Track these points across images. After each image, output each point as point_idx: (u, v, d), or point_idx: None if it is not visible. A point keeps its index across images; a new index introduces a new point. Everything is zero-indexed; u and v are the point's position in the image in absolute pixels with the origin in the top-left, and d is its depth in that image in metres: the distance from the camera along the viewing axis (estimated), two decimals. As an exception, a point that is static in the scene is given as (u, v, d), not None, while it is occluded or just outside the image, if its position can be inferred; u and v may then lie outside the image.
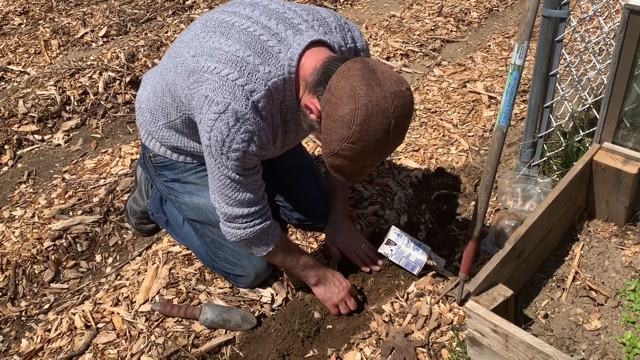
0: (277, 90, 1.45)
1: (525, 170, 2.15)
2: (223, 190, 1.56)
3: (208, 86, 1.43)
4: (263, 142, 1.49)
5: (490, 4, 4.02)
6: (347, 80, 1.29)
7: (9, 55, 3.54)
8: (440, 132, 2.67)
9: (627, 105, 1.74)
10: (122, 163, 2.58)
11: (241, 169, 1.51)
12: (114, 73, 3.17)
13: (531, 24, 1.58)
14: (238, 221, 1.61)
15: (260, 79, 1.42)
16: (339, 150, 1.33)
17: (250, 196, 1.58)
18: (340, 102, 1.28)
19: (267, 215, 1.65)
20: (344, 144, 1.31)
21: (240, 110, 1.41)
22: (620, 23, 1.52)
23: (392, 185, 2.33)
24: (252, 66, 1.42)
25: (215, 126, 1.42)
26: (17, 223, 2.27)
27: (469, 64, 3.25)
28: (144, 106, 1.81)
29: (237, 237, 1.63)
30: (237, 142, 1.44)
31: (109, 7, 4.08)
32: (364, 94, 1.26)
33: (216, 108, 1.41)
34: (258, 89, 1.42)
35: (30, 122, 2.88)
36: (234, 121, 1.41)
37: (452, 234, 2.07)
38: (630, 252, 1.82)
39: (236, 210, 1.58)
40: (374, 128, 1.28)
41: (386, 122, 1.28)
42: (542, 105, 2.03)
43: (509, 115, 1.62)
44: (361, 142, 1.29)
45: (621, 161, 1.76)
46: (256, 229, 1.62)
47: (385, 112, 1.27)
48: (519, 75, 1.60)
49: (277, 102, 1.48)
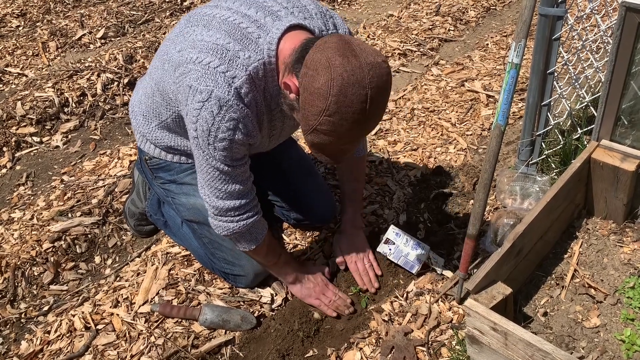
0: (258, 76, 1.47)
1: (524, 168, 2.16)
2: (212, 183, 1.57)
3: (191, 76, 1.45)
4: (249, 130, 1.50)
5: (488, 2, 4.02)
6: (323, 52, 1.29)
7: (6, 57, 3.53)
8: (439, 131, 2.67)
9: (625, 102, 1.74)
10: (121, 164, 2.58)
11: (229, 159, 1.52)
12: (112, 75, 3.17)
13: (528, 23, 1.58)
14: (230, 214, 1.61)
15: (240, 65, 1.43)
16: (317, 125, 1.32)
17: (240, 187, 1.59)
18: (316, 74, 1.28)
19: (258, 208, 1.67)
20: (321, 117, 1.30)
21: (223, 97, 1.42)
22: (617, 21, 1.52)
23: (391, 185, 2.33)
24: (232, 52, 1.44)
25: (201, 115, 1.44)
26: (16, 225, 2.26)
27: (467, 63, 3.25)
28: (137, 109, 1.82)
29: (228, 230, 1.64)
30: (223, 131, 1.45)
31: (107, 8, 4.07)
32: (339, 64, 1.26)
33: (200, 97, 1.42)
34: (239, 75, 1.43)
35: (28, 124, 2.87)
36: (217, 109, 1.42)
37: (451, 233, 2.08)
38: (629, 250, 1.82)
39: (227, 203, 1.59)
40: (350, 99, 1.27)
41: (362, 92, 1.27)
42: (540, 103, 2.04)
43: (506, 114, 1.62)
44: (338, 114, 1.29)
45: (619, 158, 1.76)
46: (248, 222, 1.63)
47: (362, 82, 1.27)
48: (516, 74, 1.60)
49: (260, 89, 1.49)
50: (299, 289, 1.84)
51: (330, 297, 1.83)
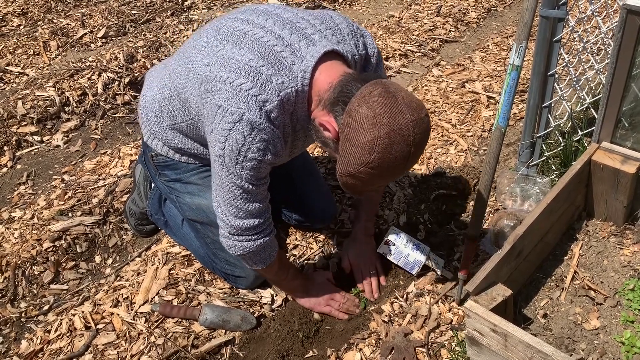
0: (289, 102, 1.45)
1: (524, 170, 2.16)
2: (233, 202, 1.54)
3: (221, 96, 1.42)
4: (278, 150, 1.49)
5: (489, 4, 4.02)
6: (369, 106, 1.29)
7: (7, 56, 3.53)
8: (439, 132, 2.68)
9: (625, 104, 1.75)
10: (121, 164, 2.58)
11: (255, 178, 1.51)
12: (113, 74, 3.17)
13: (529, 25, 1.58)
14: (247, 233, 1.59)
15: (273, 90, 1.42)
16: (356, 172, 1.34)
17: (260, 206, 1.57)
18: (362, 128, 1.29)
19: (272, 226, 1.66)
20: (362, 167, 1.32)
21: (255, 120, 1.40)
22: (617, 23, 1.52)
23: (391, 186, 2.33)
24: (265, 76, 1.42)
25: (231, 136, 1.41)
26: (17, 224, 2.27)
27: (467, 64, 3.25)
28: (149, 105, 1.79)
29: (245, 249, 1.61)
30: (253, 152, 1.44)
31: (108, 8, 4.08)
32: (386, 123, 1.27)
33: (230, 118, 1.40)
34: (271, 99, 1.42)
35: (29, 124, 2.87)
36: (249, 130, 1.41)
37: (451, 234, 2.08)
38: (629, 252, 1.82)
39: (246, 222, 1.57)
40: (394, 156, 1.30)
41: (406, 149, 1.30)
42: (541, 105, 2.04)
43: (507, 116, 1.63)
44: (380, 168, 1.31)
45: (619, 161, 1.76)
46: (265, 241, 1.62)
47: (407, 140, 1.29)
48: (517, 76, 1.61)
49: (289, 113, 1.49)
50: (307, 300, 1.84)
51: (340, 301, 1.83)
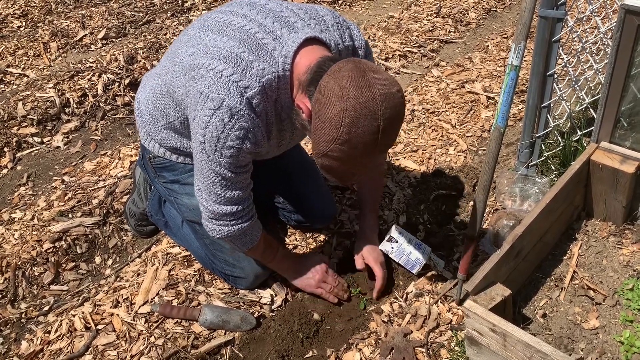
0: (271, 88, 1.46)
1: (524, 170, 2.16)
2: (212, 188, 1.57)
3: (203, 82, 1.44)
4: (258, 140, 1.50)
5: (489, 4, 4.03)
6: (337, 80, 1.29)
7: (8, 58, 3.54)
8: (439, 133, 2.68)
9: (624, 104, 1.75)
10: (122, 165, 2.59)
11: (234, 166, 1.52)
12: (113, 75, 3.17)
13: (528, 25, 1.58)
14: (225, 219, 1.62)
15: (254, 76, 1.43)
16: (328, 151, 1.32)
17: (239, 194, 1.59)
18: (329, 102, 1.28)
19: (252, 212, 1.67)
20: (332, 145, 1.30)
21: (235, 106, 1.41)
22: (616, 23, 1.53)
23: (391, 186, 2.33)
24: (246, 62, 1.43)
25: (211, 122, 1.43)
26: (17, 225, 2.27)
27: (467, 64, 3.25)
28: (143, 107, 1.81)
29: (222, 233, 1.65)
30: (232, 139, 1.45)
31: (108, 9, 4.08)
32: (352, 96, 1.26)
33: (211, 104, 1.42)
34: (252, 85, 1.42)
35: (29, 125, 2.88)
36: (228, 117, 1.42)
37: (450, 235, 2.08)
38: (628, 251, 1.82)
39: (224, 208, 1.59)
40: (362, 130, 1.28)
41: (374, 124, 1.28)
42: (540, 105, 2.04)
43: (506, 116, 1.63)
44: (349, 144, 1.29)
45: (618, 160, 1.76)
46: (243, 226, 1.64)
47: (374, 114, 1.27)
48: (516, 76, 1.61)
49: (272, 100, 1.49)
50: (299, 281, 1.86)
51: (331, 284, 1.85)
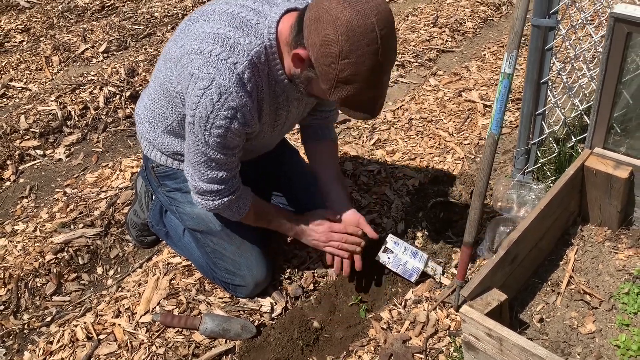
0: (260, 60, 1.51)
1: (520, 176, 2.18)
2: (197, 167, 1.62)
3: (193, 65, 1.49)
4: (247, 119, 1.53)
5: (485, 14, 4.06)
6: (318, 6, 1.35)
7: (10, 72, 3.58)
8: (436, 141, 2.70)
9: (617, 111, 1.77)
10: (123, 176, 2.61)
11: (221, 147, 1.56)
12: (114, 88, 3.21)
13: (520, 34, 1.61)
14: (207, 195, 1.68)
15: (242, 51, 1.48)
16: (338, 74, 1.35)
17: (224, 175, 1.64)
18: (319, 25, 1.33)
19: (235, 188, 1.70)
20: (339, 64, 1.33)
21: (224, 84, 1.46)
22: (606, 31, 1.56)
23: (389, 194, 2.35)
24: (233, 40, 1.49)
25: (201, 102, 1.48)
26: (20, 237, 2.29)
27: (464, 73, 3.28)
28: (142, 117, 1.86)
29: (206, 207, 1.71)
30: (220, 119, 1.49)
31: (109, 23, 4.13)
32: (336, 7, 1.32)
33: (201, 84, 1.47)
34: (241, 60, 1.47)
35: (32, 138, 2.91)
36: (217, 97, 1.46)
37: (449, 241, 2.10)
38: (623, 256, 1.84)
39: (207, 185, 1.65)
40: (360, 32, 1.30)
41: (369, 21, 1.31)
42: (535, 112, 2.07)
43: (500, 123, 1.66)
44: (354, 53, 1.32)
45: (612, 166, 1.78)
46: (224, 201, 1.69)
47: (364, 12, 1.31)
48: (509, 84, 1.64)
49: (264, 74, 1.54)
50: (305, 241, 1.88)
51: (338, 240, 1.83)
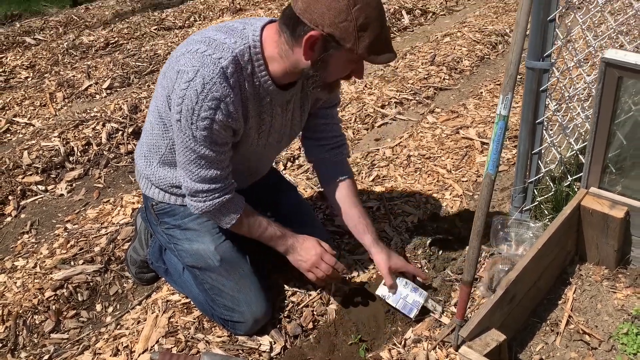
0: (244, 58, 1.59)
1: (518, 214, 2.20)
2: (188, 166, 1.66)
3: (180, 62, 1.58)
4: (230, 111, 1.58)
5: (482, 52, 4.16)
6: None
7: (15, 107, 3.64)
8: (435, 178, 2.73)
9: (611, 151, 1.80)
10: (124, 212, 2.63)
11: (209, 141, 1.60)
12: (117, 124, 3.26)
13: (514, 77, 1.65)
14: (199, 195, 1.70)
15: (227, 48, 1.57)
16: (356, 23, 1.46)
17: (215, 173, 1.67)
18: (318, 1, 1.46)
19: (228, 189, 1.73)
20: (352, 14, 1.45)
21: (208, 74, 1.53)
22: (597, 75, 1.60)
23: (389, 231, 2.37)
24: (219, 40, 1.59)
25: (186, 95, 1.54)
26: (19, 273, 2.30)
27: (461, 110, 3.34)
28: (139, 153, 1.92)
29: (198, 209, 1.73)
30: (205, 110, 1.54)
31: (113, 60, 4.22)
32: None
33: (186, 77, 1.54)
34: (225, 56, 1.56)
35: (34, 173, 2.94)
36: (201, 87, 1.52)
37: (448, 280, 2.10)
38: (622, 295, 1.84)
39: (198, 185, 1.68)
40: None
41: None
42: (531, 151, 2.10)
43: (496, 163, 1.68)
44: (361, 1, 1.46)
45: (608, 206, 1.80)
46: (215, 202, 1.71)
47: None
48: (504, 125, 1.67)
49: (247, 72, 1.61)
50: (292, 259, 1.88)
51: (324, 272, 1.83)
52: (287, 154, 3.00)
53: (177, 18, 5.05)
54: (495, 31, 4.38)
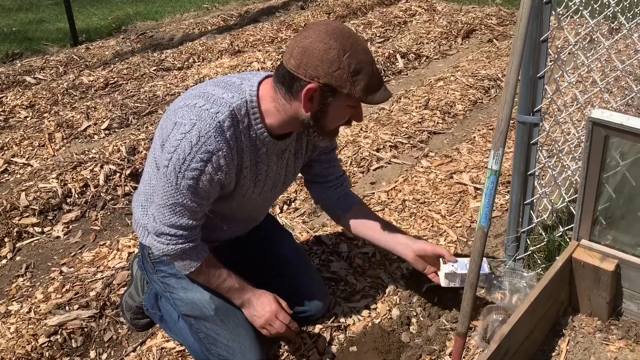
0: (241, 112, 1.64)
1: (511, 263, 2.23)
2: (162, 209, 1.69)
3: (178, 115, 1.63)
4: (220, 165, 1.62)
5: (475, 96, 4.24)
6: (295, 48, 1.56)
7: (13, 148, 3.67)
8: (430, 223, 2.76)
9: (601, 204, 1.85)
10: (120, 256, 2.64)
11: (192, 191, 1.64)
12: (115, 166, 3.29)
13: (505, 133, 1.71)
14: (163, 237, 1.72)
15: (224, 103, 1.62)
16: (349, 69, 1.54)
17: (186, 222, 1.70)
18: (308, 53, 1.53)
19: (193, 238, 1.75)
20: (343, 61, 1.53)
21: (204, 128, 1.57)
22: (585, 133, 1.65)
23: (384, 277, 2.38)
24: (217, 96, 1.64)
25: (180, 146, 1.58)
26: (13, 318, 2.29)
27: (455, 155, 3.39)
28: (136, 203, 1.96)
29: (159, 250, 1.75)
30: (196, 161, 1.58)
31: (112, 100, 4.27)
32: (309, 33, 1.55)
33: (183, 129, 1.58)
34: (222, 110, 1.61)
35: (31, 215, 2.95)
36: (196, 139, 1.57)
37: (443, 329, 2.11)
38: (614, 347, 1.86)
39: (166, 228, 1.70)
40: (338, 31, 1.55)
41: (334, 24, 1.57)
42: (523, 201, 2.14)
43: (489, 216, 1.72)
44: (347, 46, 1.54)
45: (599, 258, 1.84)
46: (177, 248, 1.73)
47: (331, 22, 1.59)
48: (496, 180, 1.72)
49: (244, 126, 1.66)
50: (247, 312, 1.89)
51: (277, 329, 1.87)
52: (283, 197, 3.03)
53: (177, 59, 5.15)
54: (487, 76, 4.49)
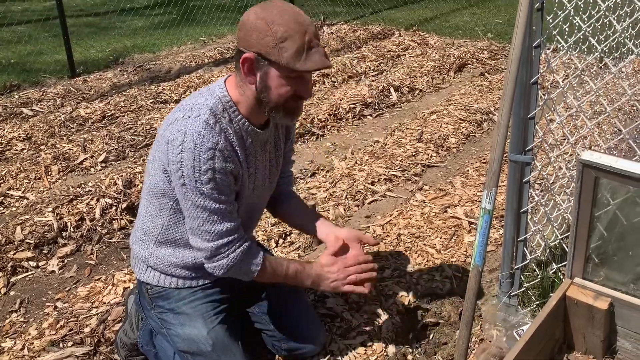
0: (219, 109, 1.72)
1: (506, 299, 2.24)
2: (202, 227, 1.70)
3: (166, 134, 1.69)
4: (225, 156, 1.68)
5: (467, 130, 4.31)
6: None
7: (9, 180, 3.68)
8: (425, 258, 2.78)
9: (593, 242, 1.87)
10: (115, 291, 2.63)
11: (216, 193, 1.67)
12: (111, 199, 3.30)
13: (497, 173, 1.74)
14: (221, 251, 1.73)
15: (202, 106, 1.70)
16: (275, 36, 1.59)
17: (228, 226, 1.72)
18: (245, 28, 1.64)
19: (244, 236, 1.78)
20: (271, 30, 1.60)
21: (194, 131, 1.63)
22: (576, 174, 1.69)
23: (380, 313, 2.39)
24: (192, 104, 1.73)
25: (183, 157, 1.63)
26: (6, 356, 2.27)
27: (449, 189, 3.43)
28: (134, 239, 1.98)
29: (224, 268, 1.75)
30: (204, 162, 1.63)
31: (109, 133, 4.30)
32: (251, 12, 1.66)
33: (177, 142, 1.64)
34: (202, 111, 1.69)
35: (26, 249, 2.95)
36: (193, 144, 1.62)
37: (438, 366, 2.11)
38: (610, 386, 1.86)
39: (216, 242, 1.72)
40: (268, 4, 1.63)
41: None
42: (516, 238, 2.17)
43: (483, 255, 1.74)
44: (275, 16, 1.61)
45: (592, 297, 1.85)
46: (238, 252, 1.75)
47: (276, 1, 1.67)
48: (489, 219, 1.74)
49: (226, 120, 1.72)
50: (324, 286, 1.90)
51: (355, 272, 1.90)
52: (279, 230, 3.05)
53: (174, 92, 5.21)
54: (480, 109, 4.56)
